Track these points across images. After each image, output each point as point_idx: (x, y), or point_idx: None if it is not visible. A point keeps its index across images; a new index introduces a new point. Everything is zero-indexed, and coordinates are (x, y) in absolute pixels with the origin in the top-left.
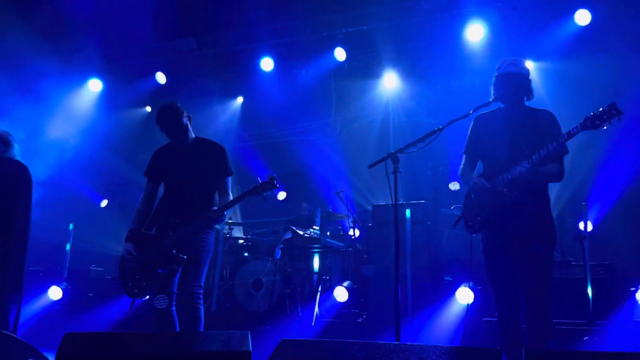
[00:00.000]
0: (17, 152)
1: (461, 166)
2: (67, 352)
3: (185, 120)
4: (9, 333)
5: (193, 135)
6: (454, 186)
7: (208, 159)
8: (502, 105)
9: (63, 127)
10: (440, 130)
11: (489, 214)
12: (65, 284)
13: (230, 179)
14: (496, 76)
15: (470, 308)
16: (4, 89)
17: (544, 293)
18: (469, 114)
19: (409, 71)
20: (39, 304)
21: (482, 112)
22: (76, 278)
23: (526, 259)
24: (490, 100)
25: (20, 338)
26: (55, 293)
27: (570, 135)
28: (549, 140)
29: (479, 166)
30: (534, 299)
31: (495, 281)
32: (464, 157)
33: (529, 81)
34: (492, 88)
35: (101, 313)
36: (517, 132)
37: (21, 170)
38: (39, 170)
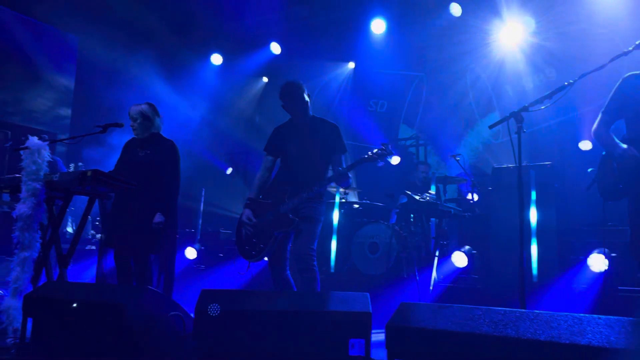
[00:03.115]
0: (159, 125)
1: (596, 124)
2: (204, 306)
3: (306, 97)
4: (156, 289)
5: (311, 113)
6: (585, 145)
7: (325, 137)
8: None
9: (193, 101)
10: (570, 85)
11: (634, 183)
12: (198, 245)
13: (344, 156)
14: None
15: (603, 276)
16: (142, 69)
17: None
18: (604, 66)
19: (532, 24)
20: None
21: (634, 73)
22: (208, 239)
23: None
24: (631, 48)
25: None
26: (190, 253)
27: None
28: None
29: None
30: None
31: None
32: (600, 115)
33: None
34: None
35: (230, 272)
36: None
37: (176, 150)
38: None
